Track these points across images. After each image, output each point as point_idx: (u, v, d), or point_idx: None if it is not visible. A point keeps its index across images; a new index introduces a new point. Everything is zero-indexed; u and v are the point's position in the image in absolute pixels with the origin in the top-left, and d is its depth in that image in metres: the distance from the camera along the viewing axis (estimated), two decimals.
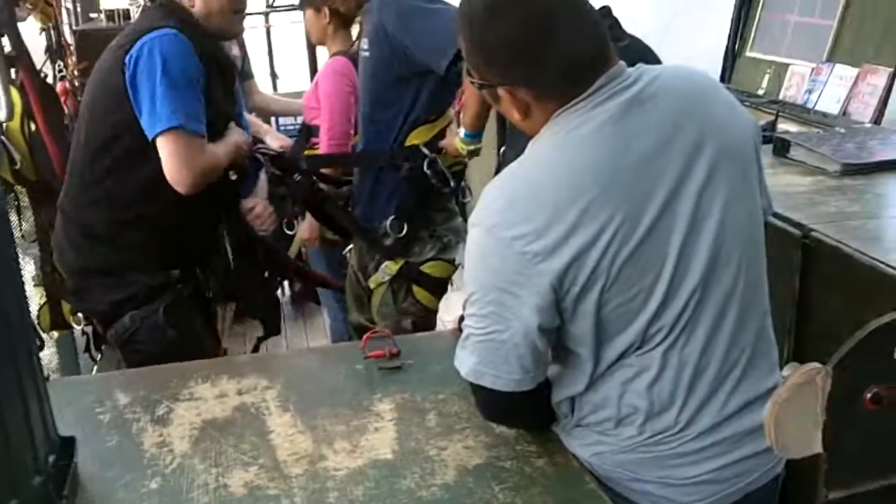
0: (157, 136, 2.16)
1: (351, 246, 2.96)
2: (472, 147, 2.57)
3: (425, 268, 2.71)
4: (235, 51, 4.03)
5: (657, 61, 2.30)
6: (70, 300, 2.50)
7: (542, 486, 1.45)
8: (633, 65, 1.44)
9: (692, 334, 1.39)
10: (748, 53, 4.25)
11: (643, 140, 1.34)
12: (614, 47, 1.39)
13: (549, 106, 1.38)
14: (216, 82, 2.31)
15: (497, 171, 5.15)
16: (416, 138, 2.60)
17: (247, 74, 4.22)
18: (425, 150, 2.59)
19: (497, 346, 1.39)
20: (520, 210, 1.33)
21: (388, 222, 2.64)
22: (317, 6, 3.50)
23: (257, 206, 2.68)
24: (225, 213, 2.56)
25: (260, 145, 2.65)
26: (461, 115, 2.62)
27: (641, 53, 2.17)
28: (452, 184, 2.65)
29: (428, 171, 2.59)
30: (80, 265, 2.37)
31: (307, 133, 3.54)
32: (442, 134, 2.63)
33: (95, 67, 2.34)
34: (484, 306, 1.38)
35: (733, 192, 1.39)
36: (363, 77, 2.67)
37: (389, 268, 2.69)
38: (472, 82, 1.45)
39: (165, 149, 2.17)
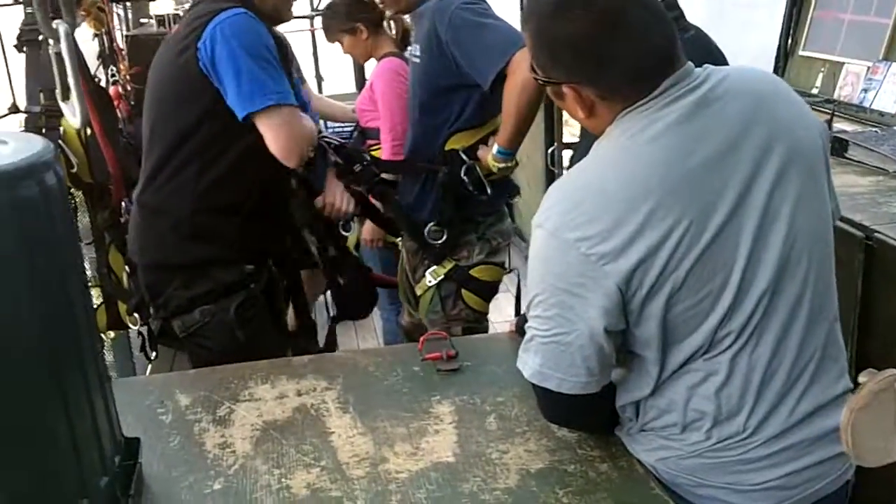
0: (252, 115, 2.14)
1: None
2: (502, 165, 2.48)
3: (475, 272, 2.67)
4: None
5: (720, 52, 2.23)
6: (142, 294, 2.47)
7: (606, 490, 1.43)
8: (698, 56, 1.42)
9: (761, 338, 1.36)
10: (801, 52, 4.18)
11: (711, 142, 1.32)
12: (682, 46, 1.37)
13: (614, 105, 1.36)
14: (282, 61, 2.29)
15: (547, 172, 5.14)
16: (456, 142, 2.57)
17: (300, 80, 4.25)
18: (463, 156, 2.55)
19: (562, 348, 1.37)
20: (585, 212, 1.31)
21: (428, 229, 2.62)
22: (349, 29, 3.51)
23: (329, 195, 2.64)
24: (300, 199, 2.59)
25: (324, 135, 2.66)
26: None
27: (705, 44, 2.11)
28: (490, 191, 2.58)
29: (465, 178, 2.55)
30: (159, 259, 2.35)
31: (362, 136, 3.56)
32: (484, 141, 2.60)
33: (155, 65, 2.32)
34: (548, 308, 1.37)
35: (803, 195, 1.36)
36: (413, 82, 2.66)
37: (437, 272, 2.66)
38: (536, 79, 1.43)
39: (267, 125, 2.15)
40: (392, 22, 3.63)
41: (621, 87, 1.34)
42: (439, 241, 2.61)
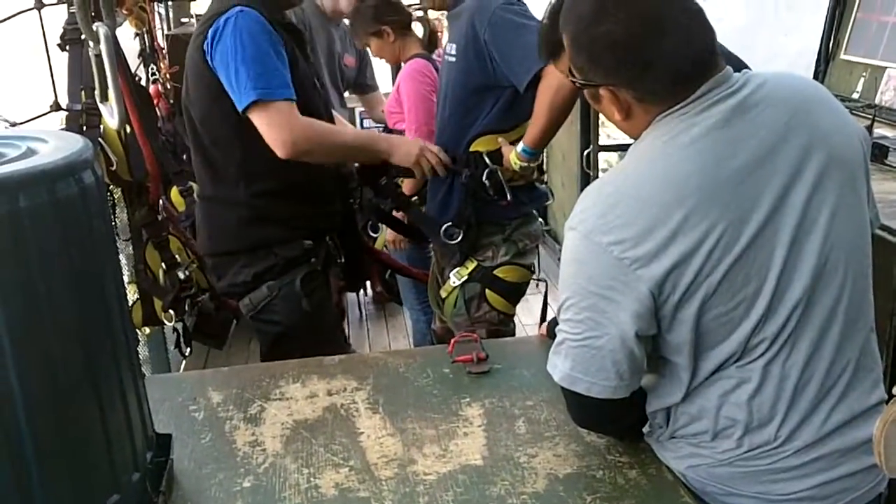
0: (245, 110, 2.21)
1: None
2: (524, 164, 2.47)
3: (500, 272, 2.66)
4: (349, 60, 4.06)
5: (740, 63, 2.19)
6: (209, 279, 2.69)
7: (634, 497, 1.42)
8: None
9: (795, 347, 1.35)
10: (842, 56, 4.12)
11: (748, 147, 1.31)
12: (721, 52, 1.35)
13: (651, 108, 1.35)
14: (293, 50, 2.36)
15: (582, 174, 5.12)
16: (481, 145, 2.56)
17: (369, 87, 4.26)
18: (486, 159, 2.55)
19: (593, 352, 1.37)
20: (619, 215, 1.31)
21: (445, 228, 2.62)
22: (376, 32, 3.52)
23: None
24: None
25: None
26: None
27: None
28: (510, 197, 2.56)
29: (486, 182, 2.54)
30: (225, 247, 2.47)
31: None
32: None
33: (186, 66, 2.41)
34: (580, 311, 1.36)
35: (841, 203, 1.35)
36: (446, 81, 2.65)
37: (460, 272, 2.65)
38: (573, 82, 1.43)
39: (256, 121, 2.22)
40: (419, 23, 3.63)
41: (659, 91, 1.34)
42: (455, 241, 2.61)
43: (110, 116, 2.12)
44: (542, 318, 2.55)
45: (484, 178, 2.53)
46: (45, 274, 1.19)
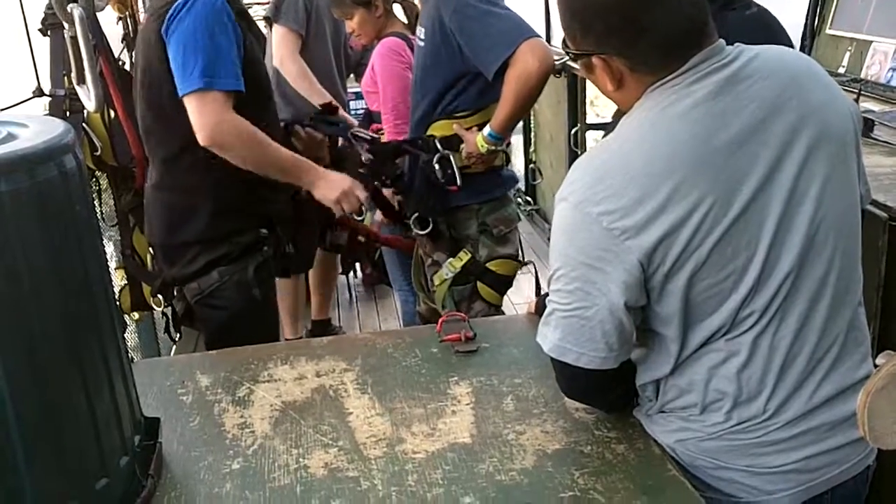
0: (184, 95, 2.21)
1: None
2: (491, 147, 2.48)
3: (492, 265, 2.67)
4: (355, 43, 3.97)
5: (783, 31, 2.15)
6: (160, 267, 2.59)
7: (622, 472, 1.43)
8: (758, 33, 1.41)
9: (784, 320, 1.35)
10: (828, 31, 4.13)
11: (739, 120, 1.31)
12: (743, 23, 1.35)
13: (643, 78, 1.35)
14: (248, 37, 2.34)
15: (570, 153, 5.12)
16: (436, 130, 2.56)
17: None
18: (438, 144, 2.53)
19: (582, 322, 1.37)
20: (609, 186, 1.31)
21: (413, 218, 2.62)
22: (365, 3, 3.48)
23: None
24: None
25: (357, 129, 2.67)
26: (533, 122, 2.61)
27: (768, 22, 2.03)
28: (459, 182, 2.54)
29: (436, 166, 2.53)
30: (180, 239, 2.42)
31: (369, 119, 3.54)
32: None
33: (139, 39, 2.38)
34: (570, 282, 1.36)
35: (831, 178, 1.35)
36: (416, 66, 2.65)
37: (453, 264, 2.64)
38: (566, 52, 1.43)
39: (189, 105, 2.21)
40: (402, 6, 3.60)
41: (651, 59, 1.33)
42: (426, 231, 2.60)
43: (87, 99, 2.11)
44: (537, 295, 2.56)
45: (434, 162, 2.51)
46: (27, 259, 1.18)
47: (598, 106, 7.19)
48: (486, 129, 2.47)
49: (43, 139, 1.24)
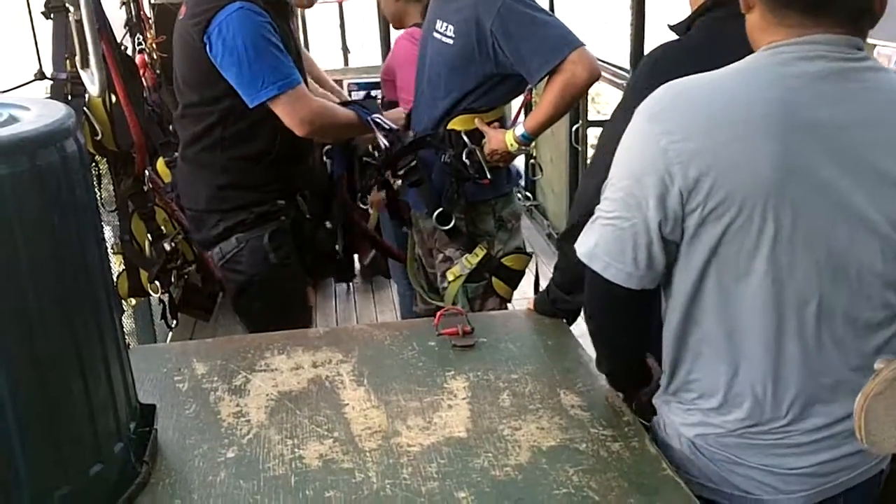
0: (261, 105, 2.38)
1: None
2: (521, 147, 2.49)
3: (507, 260, 2.66)
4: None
5: None
6: (188, 230, 2.88)
7: (617, 470, 1.43)
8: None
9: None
10: None
11: (829, 112, 1.28)
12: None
13: (773, 25, 1.33)
14: (283, 30, 2.48)
15: (571, 149, 5.10)
16: (458, 124, 2.54)
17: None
18: (465, 138, 2.52)
19: (618, 232, 1.37)
20: (683, 110, 1.32)
21: (436, 214, 2.59)
22: None
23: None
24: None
25: (378, 116, 2.68)
26: (524, 116, 2.60)
27: None
28: (490, 176, 2.55)
29: (466, 161, 2.52)
30: (207, 206, 2.62)
31: (388, 108, 3.54)
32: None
33: (177, 37, 2.52)
34: (617, 191, 1.37)
35: (883, 213, 1.32)
36: (436, 62, 2.58)
37: (469, 260, 2.62)
38: None
39: (277, 109, 2.39)
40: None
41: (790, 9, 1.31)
42: (448, 226, 2.59)
43: (91, 83, 2.11)
44: (536, 291, 2.56)
45: (464, 157, 2.51)
46: (27, 242, 1.18)
47: (599, 103, 7.20)
48: (520, 130, 2.47)
49: (44, 122, 1.24)
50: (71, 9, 2.00)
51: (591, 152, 4.97)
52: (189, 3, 2.46)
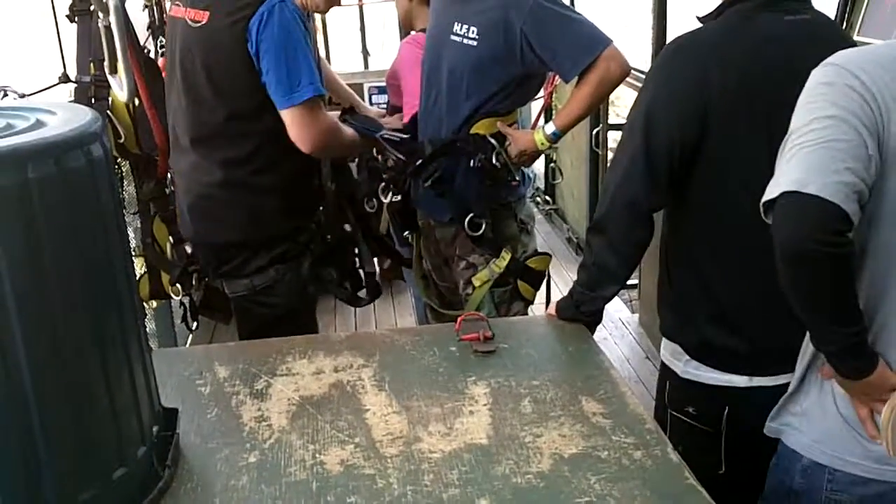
0: (285, 109, 2.30)
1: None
2: (549, 145, 2.52)
3: (531, 262, 2.64)
4: None
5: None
6: (204, 264, 2.65)
7: (639, 478, 1.42)
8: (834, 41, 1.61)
9: None
10: (856, 37, 4.08)
11: None
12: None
13: None
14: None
15: (591, 153, 5.09)
16: (481, 128, 2.53)
17: None
18: (493, 141, 2.52)
19: (833, 153, 1.36)
20: (871, 62, 1.40)
21: (468, 221, 2.57)
22: None
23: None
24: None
25: (385, 131, 2.66)
26: (554, 113, 2.60)
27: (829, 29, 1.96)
28: (518, 177, 2.58)
29: (496, 163, 2.52)
30: (244, 237, 2.47)
31: (393, 113, 3.54)
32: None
33: (199, 44, 2.37)
34: (823, 120, 1.39)
35: None
36: (457, 66, 2.55)
37: (498, 265, 2.61)
38: None
39: (296, 116, 2.29)
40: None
41: None
42: (480, 232, 2.58)
43: (120, 89, 2.11)
44: (548, 297, 2.55)
45: (494, 160, 2.51)
46: (53, 245, 1.18)
47: (619, 106, 7.18)
48: (550, 128, 2.49)
49: (71, 127, 1.24)
50: (100, 14, 2.01)
51: (611, 156, 4.96)
52: (214, 5, 2.34)
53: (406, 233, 2.98)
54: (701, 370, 1.90)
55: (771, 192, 1.39)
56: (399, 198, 2.80)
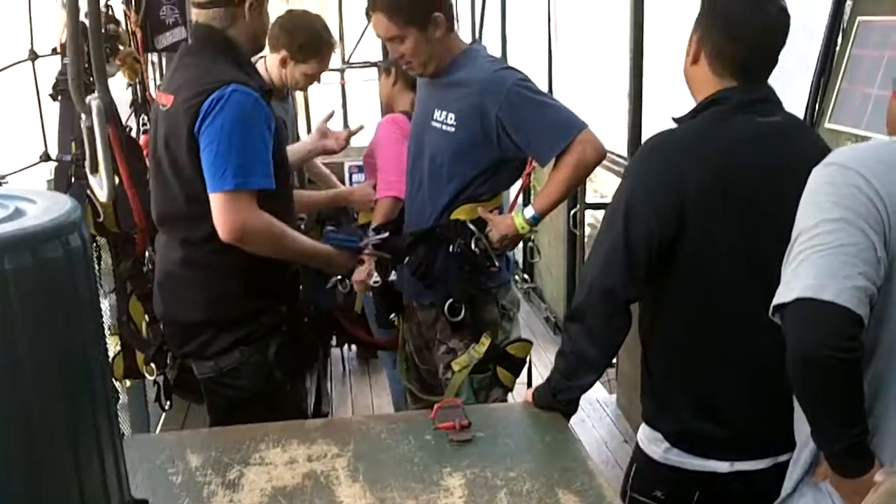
0: (210, 193, 2.23)
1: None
2: (530, 228, 2.53)
3: (511, 349, 2.63)
4: (282, 113, 3.96)
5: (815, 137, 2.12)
6: (170, 343, 2.60)
7: None
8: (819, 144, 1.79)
9: None
10: (827, 124, 4.18)
11: None
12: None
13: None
14: (277, 118, 2.40)
15: (569, 233, 5.12)
16: (462, 214, 2.55)
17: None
18: (472, 227, 2.53)
19: (844, 258, 1.39)
20: (875, 160, 1.45)
21: (447, 306, 2.57)
22: (385, 68, 3.56)
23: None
24: None
25: (368, 239, 2.67)
26: (532, 194, 2.63)
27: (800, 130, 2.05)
28: (498, 263, 2.57)
29: (475, 249, 2.53)
30: (207, 316, 2.42)
31: None
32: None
33: (163, 120, 2.38)
34: (832, 223, 1.42)
35: None
36: (437, 152, 2.58)
37: (477, 350, 2.59)
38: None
39: (216, 201, 2.24)
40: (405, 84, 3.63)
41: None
42: (459, 318, 2.58)
43: (100, 188, 2.10)
44: (529, 381, 2.54)
45: (473, 246, 2.53)
46: (28, 335, 1.17)
47: (596, 182, 7.26)
48: (529, 212, 2.50)
49: (50, 217, 1.24)
50: (83, 116, 2.00)
51: (587, 233, 5.00)
52: (180, 89, 2.34)
53: (392, 315, 2.95)
54: (683, 457, 1.91)
55: (783, 296, 1.42)
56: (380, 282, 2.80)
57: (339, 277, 2.77)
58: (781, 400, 1.63)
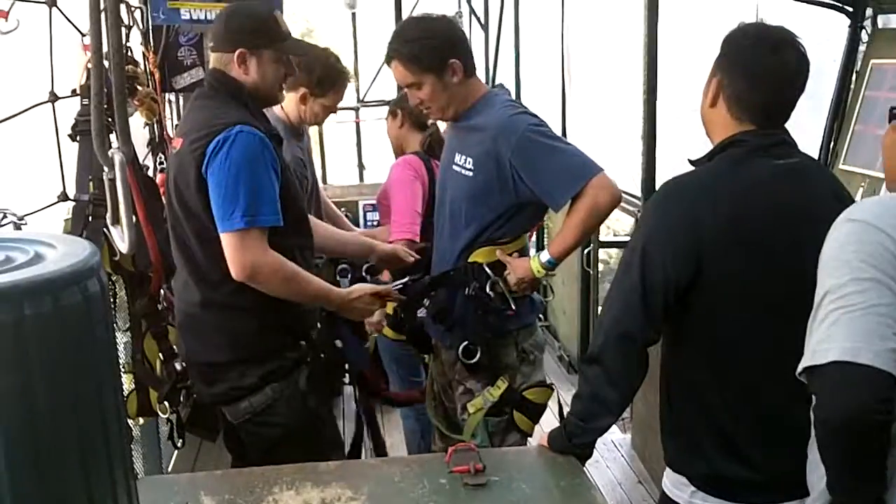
0: (221, 233, 2.30)
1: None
2: (546, 272, 2.54)
3: (528, 394, 2.61)
4: (298, 152, 3.95)
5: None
6: (196, 386, 2.63)
7: None
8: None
9: None
10: (841, 166, 4.19)
11: None
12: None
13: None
14: (282, 160, 2.43)
15: (582, 272, 5.11)
16: (480, 256, 2.57)
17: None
18: (489, 271, 2.55)
19: (879, 319, 1.38)
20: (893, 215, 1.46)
21: (461, 348, 2.58)
22: (392, 111, 3.59)
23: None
24: None
25: (395, 284, 2.69)
26: (546, 236, 2.63)
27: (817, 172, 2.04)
28: (515, 307, 2.57)
29: (490, 293, 2.54)
30: (233, 356, 2.46)
31: None
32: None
33: (175, 161, 2.46)
34: (861, 283, 1.41)
35: None
36: (457, 195, 2.62)
37: (492, 393, 2.58)
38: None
39: (227, 240, 2.28)
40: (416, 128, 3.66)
41: None
42: (474, 360, 2.58)
43: (121, 241, 2.12)
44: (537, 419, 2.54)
45: (488, 289, 2.53)
46: (46, 380, 1.18)
47: (609, 220, 7.26)
48: (545, 256, 2.51)
49: (69, 262, 1.25)
50: (105, 168, 2.02)
51: (601, 272, 4.99)
52: (189, 132, 2.40)
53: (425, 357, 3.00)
54: (709, 501, 1.89)
55: (816, 357, 1.42)
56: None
57: None
58: (799, 442, 1.62)
